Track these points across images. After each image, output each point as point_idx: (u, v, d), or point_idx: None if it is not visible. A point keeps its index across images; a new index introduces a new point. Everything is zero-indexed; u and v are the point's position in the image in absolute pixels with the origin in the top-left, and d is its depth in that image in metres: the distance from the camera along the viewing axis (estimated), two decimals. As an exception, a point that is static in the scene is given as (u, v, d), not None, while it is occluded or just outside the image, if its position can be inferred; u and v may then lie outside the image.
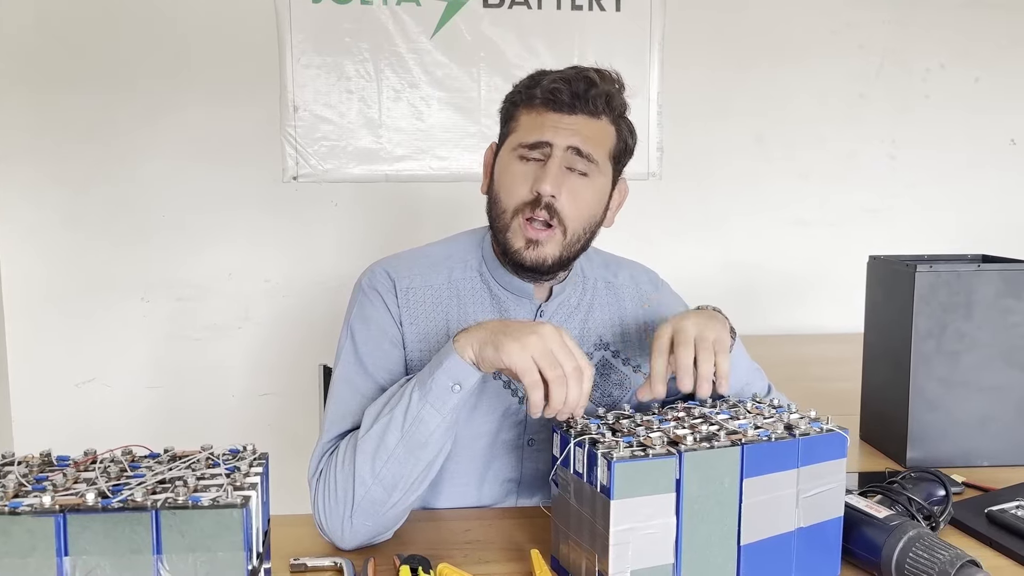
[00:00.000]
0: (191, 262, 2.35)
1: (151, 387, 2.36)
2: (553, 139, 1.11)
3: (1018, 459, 1.37)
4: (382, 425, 1.00)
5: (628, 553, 0.86)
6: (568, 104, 1.11)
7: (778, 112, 2.58)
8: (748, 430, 0.93)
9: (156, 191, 2.31)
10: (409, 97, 2.39)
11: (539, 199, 1.11)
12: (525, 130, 1.14)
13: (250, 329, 2.40)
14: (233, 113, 2.31)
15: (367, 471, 0.99)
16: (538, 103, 1.13)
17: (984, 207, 2.72)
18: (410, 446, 0.99)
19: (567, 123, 1.12)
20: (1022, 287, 1.34)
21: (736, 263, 2.65)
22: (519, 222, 1.13)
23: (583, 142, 1.11)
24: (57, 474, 0.77)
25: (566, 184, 1.11)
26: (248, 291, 2.39)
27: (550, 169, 1.11)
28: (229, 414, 2.40)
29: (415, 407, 0.98)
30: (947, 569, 0.88)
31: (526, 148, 1.13)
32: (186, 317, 2.36)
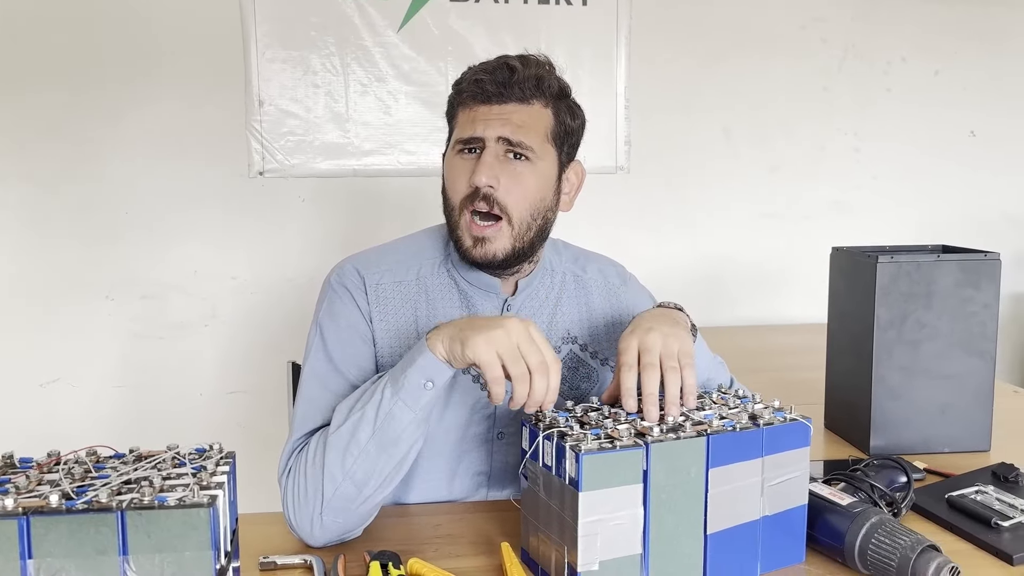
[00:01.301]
0: (157, 260, 2.32)
1: (118, 386, 2.33)
2: (484, 132, 1.12)
3: (977, 445, 1.40)
4: (353, 422, 0.99)
5: (597, 544, 0.87)
6: (495, 94, 1.12)
7: (745, 106, 2.60)
8: (713, 420, 0.94)
9: (121, 188, 2.28)
10: (376, 91, 2.37)
11: (477, 191, 1.12)
12: (460, 127, 1.15)
13: (217, 327, 2.38)
14: (198, 108, 2.28)
15: (337, 468, 0.99)
16: (466, 97, 1.15)
17: (944, 198, 2.77)
18: (382, 443, 0.99)
19: (496, 113, 1.12)
20: (980, 277, 1.37)
21: (704, 255, 2.67)
22: (465, 219, 1.14)
23: (513, 131, 1.12)
24: (20, 476, 0.76)
25: (504, 173, 1.12)
26: (215, 288, 2.37)
27: (483, 160, 1.12)
28: (197, 413, 2.37)
29: (387, 404, 0.98)
30: (908, 554, 0.90)
31: (462, 144, 1.14)
32: (152, 315, 2.33)
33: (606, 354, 1.26)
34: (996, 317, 1.38)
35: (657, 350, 0.99)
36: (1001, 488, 1.16)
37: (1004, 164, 2.78)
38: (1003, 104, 2.75)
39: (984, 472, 1.23)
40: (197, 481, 0.75)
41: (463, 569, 0.98)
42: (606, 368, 1.26)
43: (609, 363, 1.26)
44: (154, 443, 2.41)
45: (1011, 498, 1.12)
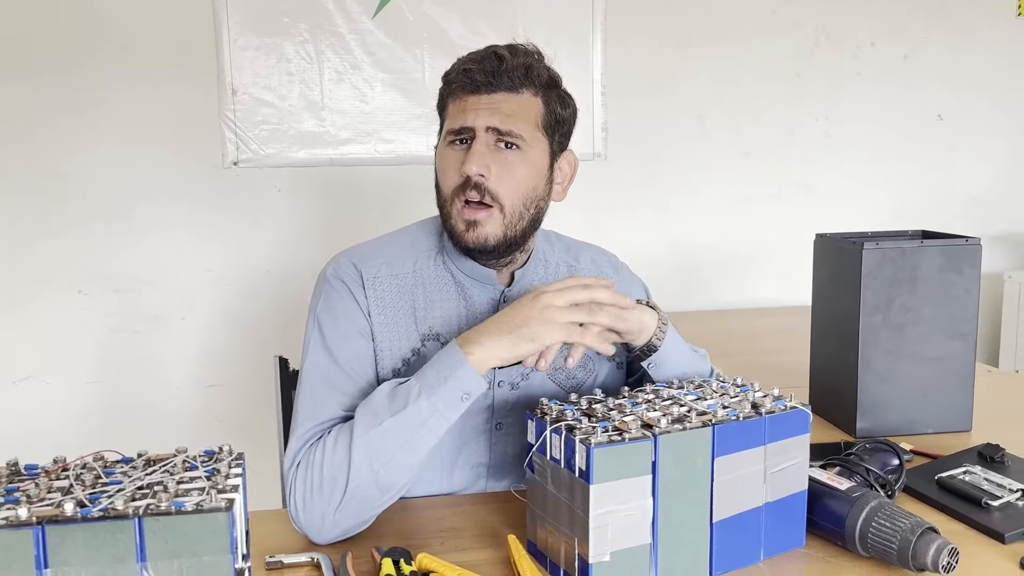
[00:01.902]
0: (130, 253, 2.28)
1: (92, 382, 2.29)
2: (473, 122, 1.12)
3: (958, 425, 1.44)
4: (384, 429, 0.99)
5: (608, 536, 0.88)
6: (484, 84, 1.12)
7: (718, 90, 2.62)
8: (717, 410, 0.95)
9: (90, 180, 2.23)
10: (352, 79, 2.35)
11: (468, 180, 1.12)
12: (451, 118, 1.15)
13: (194, 320, 2.35)
14: (169, 98, 2.24)
15: (364, 472, 0.99)
16: (456, 88, 1.15)
17: (912, 181, 2.82)
18: (413, 450, 1.00)
19: (486, 103, 1.12)
20: (962, 262, 1.40)
21: (678, 241, 2.69)
22: (457, 207, 1.14)
23: (502, 120, 1.12)
24: (28, 484, 0.75)
25: (495, 161, 1.12)
26: (190, 281, 2.33)
27: (473, 150, 1.11)
28: (175, 407, 2.34)
29: (423, 415, 0.99)
30: (908, 537, 0.92)
31: (453, 134, 1.14)
32: (126, 310, 2.29)
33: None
34: (977, 301, 1.42)
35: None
36: (988, 468, 1.19)
37: (970, 147, 2.84)
38: (969, 88, 2.80)
39: (970, 453, 1.27)
40: (212, 484, 0.74)
41: (471, 563, 0.98)
42: (602, 358, 1.27)
43: (614, 358, 1.27)
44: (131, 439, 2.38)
45: (999, 478, 1.15)
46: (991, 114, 2.84)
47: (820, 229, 2.78)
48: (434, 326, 1.17)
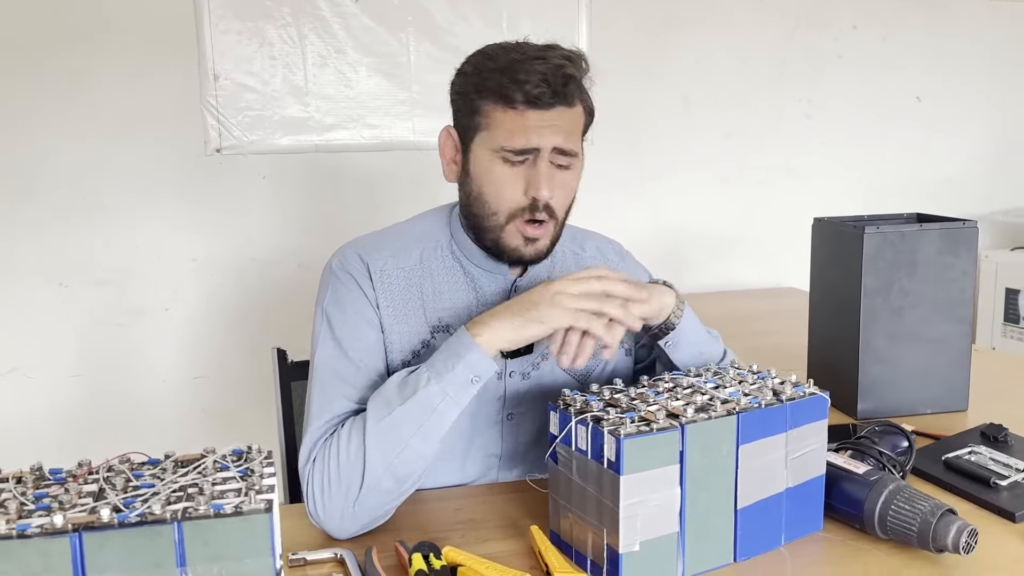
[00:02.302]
0: (111, 243, 2.23)
1: (75, 375, 2.24)
2: (539, 143, 1.08)
3: (956, 405, 1.46)
4: (396, 418, 0.99)
5: (637, 526, 0.88)
6: (547, 102, 1.07)
7: (703, 74, 2.62)
8: (740, 399, 0.95)
9: (69, 170, 2.17)
10: (336, 63, 2.31)
11: (535, 203, 1.09)
12: (507, 133, 1.08)
13: (178, 311, 2.31)
14: (149, 84, 2.18)
15: (379, 463, 0.98)
16: (518, 103, 1.07)
17: (891, 162, 2.85)
18: (426, 437, 0.99)
19: (548, 120, 1.08)
20: (960, 244, 1.42)
21: (665, 223, 2.70)
22: (516, 225, 1.11)
23: (565, 139, 1.09)
24: (57, 489, 0.73)
25: (556, 181, 1.11)
26: (174, 271, 2.29)
27: (542, 173, 1.08)
28: (161, 399, 2.30)
29: (434, 400, 0.99)
30: (929, 519, 0.93)
31: (511, 152, 1.09)
32: (109, 301, 2.24)
33: (609, 331, 1.27)
34: (973, 282, 1.44)
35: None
36: (992, 448, 1.21)
37: (947, 128, 2.88)
38: (946, 70, 2.83)
39: (973, 433, 1.29)
40: (248, 485, 0.73)
41: (494, 554, 0.98)
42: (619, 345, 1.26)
43: (624, 343, 1.27)
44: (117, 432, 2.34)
45: (1004, 457, 1.17)
46: (968, 96, 2.87)
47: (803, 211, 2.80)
48: (444, 317, 1.16)
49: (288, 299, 2.37)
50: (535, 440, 1.23)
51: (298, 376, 1.58)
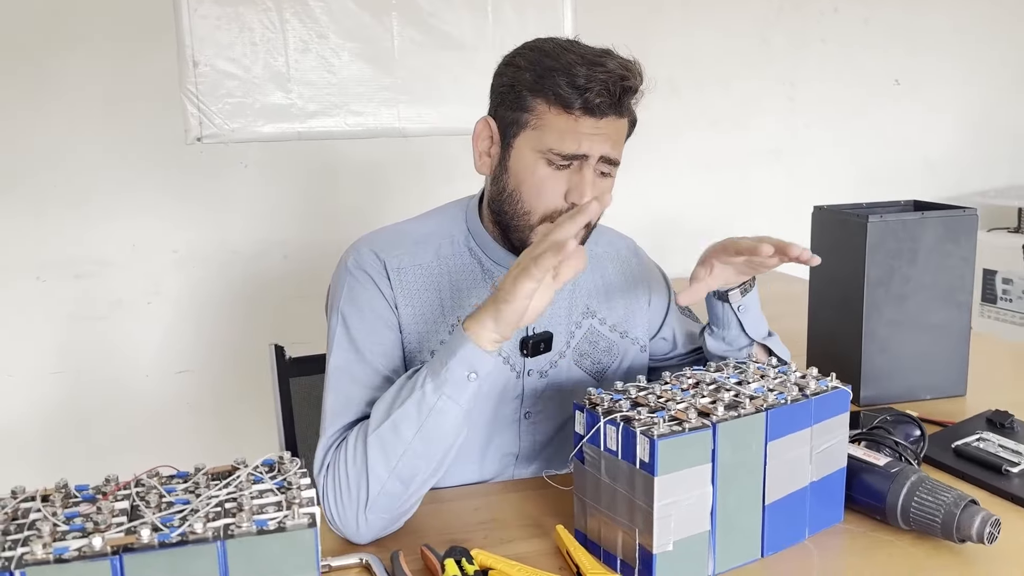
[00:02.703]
0: (90, 236, 2.17)
1: (56, 372, 2.18)
2: (589, 150, 1.06)
3: (954, 390, 1.48)
4: (395, 419, 0.96)
5: (671, 526, 0.88)
6: (603, 111, 1.06)
7: (687, 57, 2.61)
8: (767, 395, 0.95)
9: (45, 160, 2.10)
10: (318, 49, 2.26)
11: (572, 207, 1.07)
12: (557, 135, 1.05)
13: (160, 304, 2.26)
14: (127, 71, 2.12)
15: (382, 467, 0.96)
16: (575, 107, 1.04)
17: (871, 144, 2.88)
18: (427, 439, 0.96)
19: (601, 128, 1.06)
20: (960, 232, 1.43)
21: (651, 207, 2.69)
22: (547, 226, 1.08)
23: (612, 148, 1.08)
24: (88, 508, 0.71)
25: (597, 189, 1.09)
26: (155, 263, 2.23)
27: (587, 180, 1.07)
28: (144, 394, 2.26)
29: (431, 399, 0.95)
30: (953, 510, 0.94)
31: (559, 156, 1.07)
32: (89, 295, 2.19)
33: (624, 327, 1.26)
34: (972, 269, 1.45)
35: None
36: (999, 434, 1.23)
37: (925, 110, 2.91)
38: (925, 52, 2.86)
39: (979, 419, 1.30)
40: (289, 499, 0.71)
41: (520, 555, 0.97)
42: (626, 341, 1.26)
43: (629, 336, 1.26)
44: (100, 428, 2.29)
45: (1012, 444, 1.18)
46: (945, 77, 2.91)
47: (785, 193, 2.83)
48: (462, 316, 1.14)
49: (273, 290, 2.33)
50: (551, 438, 1.23)
51: (296, 372, 1.55)
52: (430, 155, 2.40)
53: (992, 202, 2.89)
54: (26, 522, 0.69)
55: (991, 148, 3.01)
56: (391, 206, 2.40)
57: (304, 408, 1.57)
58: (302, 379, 1.56)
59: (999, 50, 2.96)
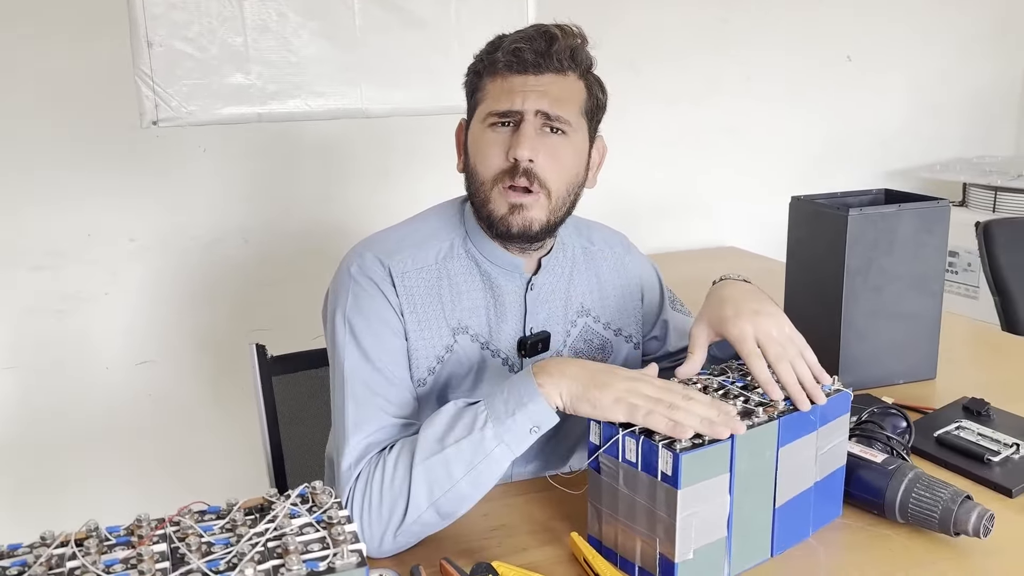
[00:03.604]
0: (42, 226, 2.07)
1: (9, 367, 2.10)
2: (523, 105, 1.08)
3: (926, 374, 1.54)
4: (447, 456, 0.95)
5: (692, 535, 0.90)
6: (532, 64, 1.09)
7: (648, 37, 2.61)
8: (777, 402, 0.97)
9: (-8, 147, 2.00)
10: (278, 28, 2.18)
11: (516, 166, 1.09)
12: (493, 98, 1.11)
13: (118, 295, 2.18)
14: (76, 53, 2.02)
15: (423, 497, 0.96)
16: (502, 67, 1.10)
17: (824, 120, 2.93)
18: (476, 482, 0.96)
19: (533, 84, 1.09)
20: (934, 223, 1.48)
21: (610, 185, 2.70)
22: (499, 190, 1.10)
23: (551, 104, 1.09)
24: (124, 551, 0.69)
25: (543, 146, 1.09)
26: (112, 253, 2.16)
27: (524, 133, 1.08)
28: (104, 387, 2.19)
29: (489, 444, 0.94)
30: (950, 506, 0.99)
31: (496, 116, 1.10)
32: (43, 288, 2.10)
33: (618, 325, 1.27)
34: (945, 257, 1.51)
35: (777, 339, 1.01)
36: (976, 422, 1.29)
37: (876, 87, 2.97)
38: (876, 29, 2.91)
39: (955, 407, 1.36)
40: (333, 537, 0.70)
41: (536, 563, 0.98)
42: (620, 338, 1.27)
43: (623, 334, 1.27)
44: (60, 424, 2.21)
45: (990, 432, 1.24)
46: (896, 54, 2.97)
47: (741, 171, 2.87)
48: (463, 319, 1.14)
49: (235, 276, 2.28)
50: (549, 437, 1.23)
51: (279, 371, 1.53)
52: (394, 136, 2.36)
53: (939, 176, 2.98)
54: (64, 571, 0.67)
55: (939, 123, 3.10)
56: (354, 188, 2.36)
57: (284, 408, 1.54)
58: (285, 377, 1.53)
59: (948, 27, 3.03)
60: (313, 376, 1.56)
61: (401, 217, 1.25)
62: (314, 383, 1.56)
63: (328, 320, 1.13)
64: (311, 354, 1.54)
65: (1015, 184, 2.73)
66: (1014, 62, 3.18)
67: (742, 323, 1.02)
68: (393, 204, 2.20)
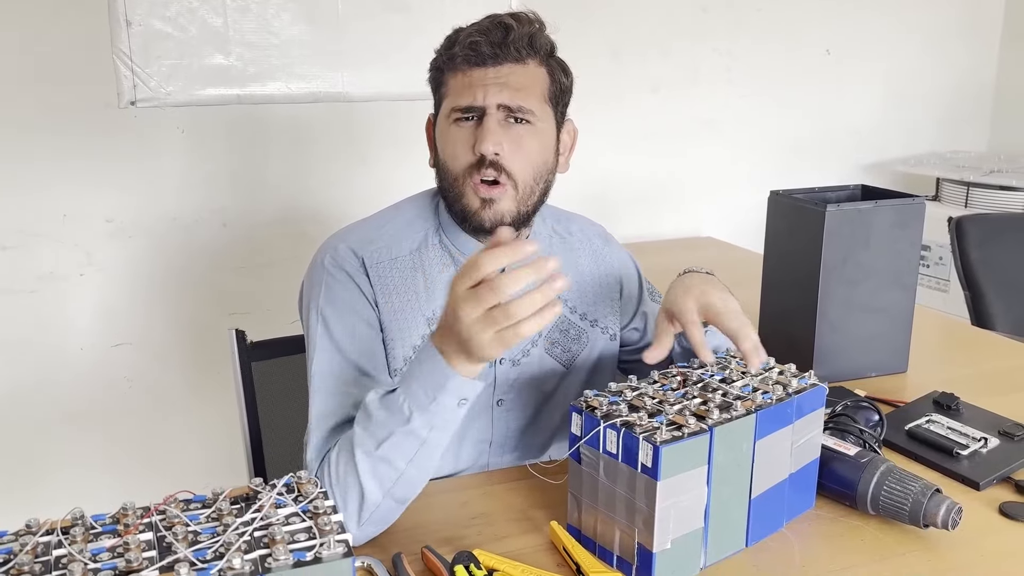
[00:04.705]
0: (15, 205, 2.05)
1: (-18, 347, 2.08)
2: (484, 101, 1.09)
3: (897, 367, 1.57)
4: (385, 451, 0.94)
5: (670, 526, 0.92)
6: (490, 55, 1.10)
7: (629, 25, 2.62)
8: (755, 395, 0.99)
9: (-35, 125, 1.97)
10: (258, 9, 2.17)
11: (483, 159, 1.10)
12: (455, 94, 1.12)
13: (94, 275, 2.16)
14: (53, 31, 1.99)
15: (376, 491, 0.96)
16: (460, 61, 1.11)
17: (803, 113, 2.96)
18: (421, 466, 0.96)
19: (493, 76, 1.09)
20: (909, 219, 1.50)
21: (590, 175, 2.71)
22: (469, 185, 1.11)
23: (511, 96, 1.09)
24: (111, 540, 0.69)
25: (507, 137, 1.10)
26: (87, 233, 2.13)
27: (487, 127, 1.09)
28: (79, 369, 2.18)
29: (421, 433, 0.93)
30: (920, 499, 1.01)
31: (459, 112, 1.11)
32: (16, 268, 2.07)
33: (595, 316, 1.28)
34: (919, 252, 1.53)
35: (721, 310, 1.06)
36: (945, 416, 1.32)
37: (853, 81, 3.00)
38: (855, 23, 2.93)
39: (926, 401, 1.39)
40: (319, 527, 0.71)
41: (516, 551, 0.99)
42: (596, 329, 1.28)
43: (599, 325, 1.29)
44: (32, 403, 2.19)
45: (959, 426, 1.27)
46: (874, 48, 3.00)
47: (720, 162, 2.89)
48: (437, 309, 1.15)
49: (212, 259, 2.26)
50: (526, 426, 1.25)
51: (258, 357, 1.52)
52: (375, 120, 2.35)
53: (912, 171, 3.02)
54: (51, 559, 0.67)
55: (914, 118, 3.14)
56: (335, 172, 2.35)
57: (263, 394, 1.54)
58: (264, 363, 1.53)
59: (924, 23, 3.07)
60: (292, 362, 1.55)
61: (381, 203, 1.25)
62: (293, 369, 1.56)
63: (303, 312, 1.14)
64: (290, 340, 1.54)
65: (987, 180, 2.77)
66: (987, 59, 3.22)
67: (688, 299, 1.08)
68: (372, 189, 2.20)
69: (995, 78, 3.24)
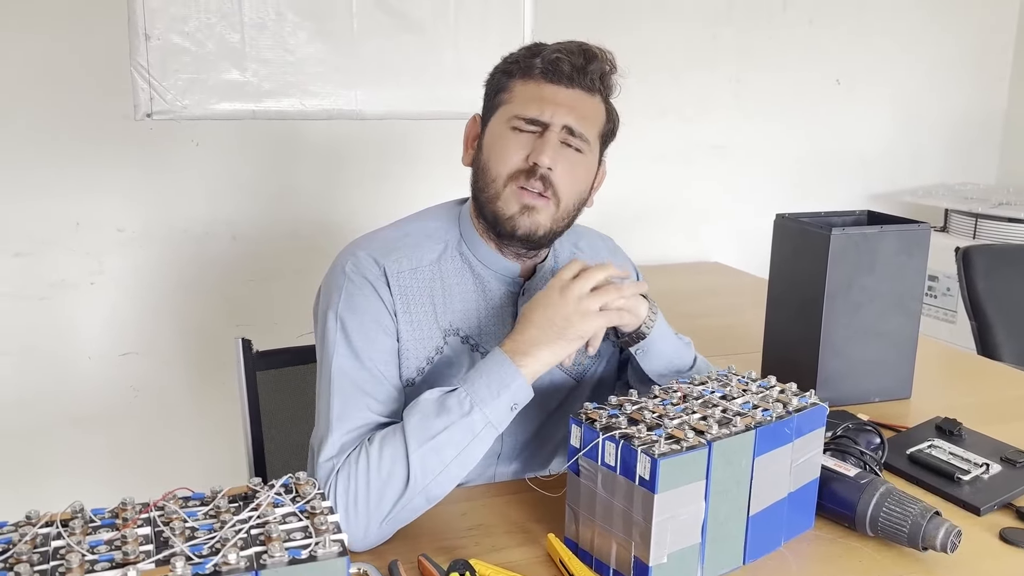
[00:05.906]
0: (31, 212, 2.08)
1: (-6, 353, 2.10)
2: (552, 118, 1.11)
3: (901, 393, 1.57)
4: (440, 441, 0.99)
5: (667, 539, 0.92)
6: (568, 76, 1.12)
7: (640, 52, 2.64)
8: (755, 412, 1.00)
9: (-16, 133, 2.00)
10: (275, 27, 2.20)
11: (534, 169, 1.11)
12: (522, 102, 1.13)
13: (104, 284, 2.18)
14: (74, 43, 2.03)
15: (419, 480, 0.98)
16: (537, 73, 1.13)
17: (812, 142, 2.97)
18: (463, 463, 1.01)
19: (564, 97, 1.12)
20: (914, 245, 1.51)
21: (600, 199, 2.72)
22: (512, 189, 1.12)
23: (577, 121, 1.12)
24: (109, 533, 0.70)
25: (561, 158, 1.12)
26: (100, 242, 2.16)
27: (549, 141, 1.11)
28: (86, 377, 2.19)
29: (477, 427, 1.00)
30: (919, 521, 1.01)
31: (522, 120, 1.12)
32: (28, 274, 2.10)
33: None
34: (924, 279, 1.54)
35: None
36: (948, 441, 1.31)
37: (862, 111, 3.02)
38: (864, 53, 2.96)
39: (928, 426, 1.39)
40: (315, 526, 0.71)
41: (512, 563, 1.00)
42: (607, 342, 1.29)
43: (609, 337, 1.29)
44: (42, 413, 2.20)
45: (962, 451, 1.27)
46: (883, 79, 3.01)
47: (727, 188, 2.90)
48: (454, 321, 1.16)
49: (221, 272, 2.28)
50: (531, 438, 1.25)
51: (263, 366, 1.53)
52: (387, 138, 2.38)
53: (921, 201, 3.03)
54: (49, 550, 0.68)
55: (922, 147, 3.15)
56: (345, 189, 2.37)
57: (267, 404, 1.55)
58: (269, 372, 1.54)
59: (934, 55, 3.09)
60: (297, 373, 1.56)
61: (389, 218, 1.27)
62: (298, 380, 1.56)
63: (319, 317, 1.14)
64: (296, 351, 1.55)
65: (995, 212, 2.77)
66: (997, 91, 3.24)
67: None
68: (383, 207, 2.22)
69: (1005, 109, 3.25)
